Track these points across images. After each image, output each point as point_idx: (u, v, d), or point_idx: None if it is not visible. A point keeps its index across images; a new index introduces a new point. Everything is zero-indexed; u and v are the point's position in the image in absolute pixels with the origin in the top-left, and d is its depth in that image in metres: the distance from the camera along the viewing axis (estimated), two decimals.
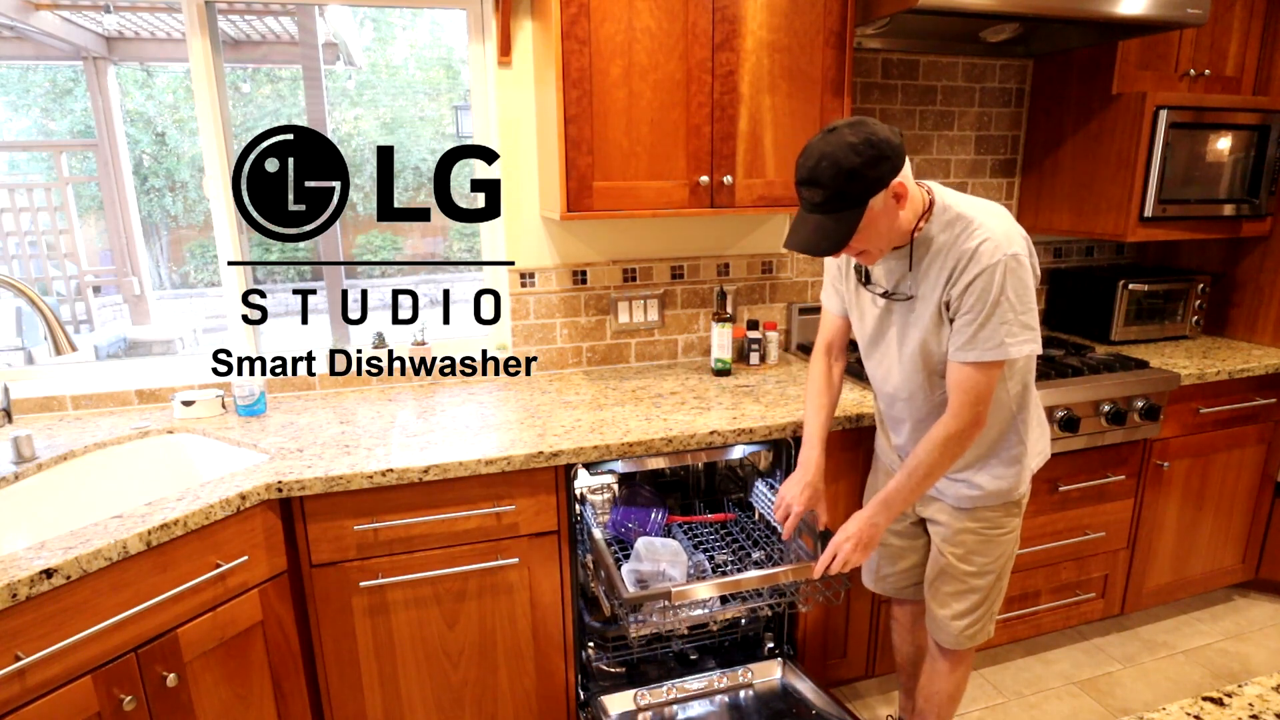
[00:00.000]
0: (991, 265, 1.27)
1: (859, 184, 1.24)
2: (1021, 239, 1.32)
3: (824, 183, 1.25)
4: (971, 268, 1.29)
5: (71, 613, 1.17)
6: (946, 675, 1.67)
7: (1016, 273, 1.28)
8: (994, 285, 1.27)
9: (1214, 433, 2.29)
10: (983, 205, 1.36)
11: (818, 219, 1.29)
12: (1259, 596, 2.62)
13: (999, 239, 1.28)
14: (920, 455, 1.39)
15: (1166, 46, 2.29)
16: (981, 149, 2.58)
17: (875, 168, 1.24)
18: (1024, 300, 1.29)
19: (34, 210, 5.50)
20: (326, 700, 1.61)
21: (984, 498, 1.50)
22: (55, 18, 4.30)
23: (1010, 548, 1.56)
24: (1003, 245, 1.28)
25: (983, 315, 1.29)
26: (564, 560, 1.69)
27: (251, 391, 1.86)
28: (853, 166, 1.23)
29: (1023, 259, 1.30)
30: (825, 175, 1.25)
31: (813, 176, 1.26)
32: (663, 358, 2.37)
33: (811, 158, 1.27)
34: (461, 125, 7.94)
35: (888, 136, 1.26)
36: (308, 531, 1.50)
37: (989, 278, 1.28)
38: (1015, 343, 1.30)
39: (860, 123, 1.27)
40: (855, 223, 1.27)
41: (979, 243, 1.29)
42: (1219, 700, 0.79)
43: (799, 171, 1.30)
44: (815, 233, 1.29)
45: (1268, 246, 2.48)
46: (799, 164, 1.30)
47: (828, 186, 1.25)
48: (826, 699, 1.76)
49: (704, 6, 1.79)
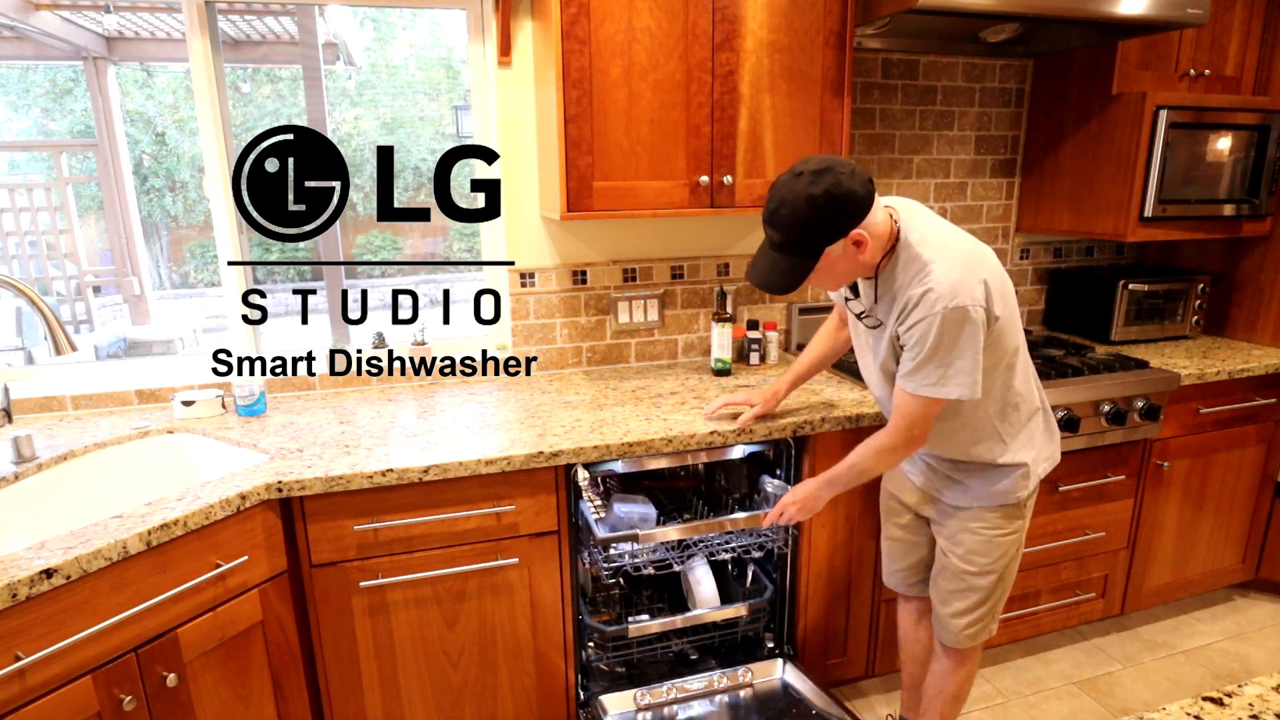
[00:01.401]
0: (931, 316, 1.30)
1: (814, 236, 1.29)
2: (973, 288, 1.30)
3: (781, 228, 1.30)
4: (915, 314, 1.33)
5: (71, 613, 1.17)
6: (950, 674, 1.67)
7: (957, 324, 1.29)
8: (931, 334, 1.31)
9: (1214, 433, 2.29)
10: (944, 244, 1.35)
11: (775, 256, 1.35)
12: (1259, 596, 2.62)
13: (944, 291, 1.29)
14: (859, 452, 1.48)
15: (1166, 46, 2.29)
16: (981, 149, 2.58)
17: (831, 221, 1.28)
18: (960, 350, 1.31)
19: (34, 210, 5.50)
20: (326, 700, 1.61)
21: (979, 499, 1.51)
22: (55, 18, 4.30)
23: (1012, 549, 1.56)
24: (945, 298, 1.29)
25: (920, 357, 1.33)
26: (564, 560, 1.69)
27: (251, 391, 1.86)
28: (808, 219, 1.27)
29: (968, 310, 1.29)
30: (783, 222, 1.29)
31: (772, 220, 1.31)
32: (663, 358, 2.37)
33: (775, 199, 1.31)
34: (461, 125, 7.94)
35: (851, 189, 1.27)
36: (308, 531, 1.50)
37: (927, 326, 1.31)
38: (946, 384, 1.33)
39: (827, 169, 1.27)
40: (809, 268, 1.33)
41: (924, 291, 1.31)
42: (1219, 700, 0.79)
43: (766, 207, 1.33)
44: (771, 270, 1.35)
45: (1268, 246, 2.48)
46: (768, 197, 1.33)
47: (784, 232, 1.30)
48: (827, 699, 1.76)
49: (704, 6, 1.79)
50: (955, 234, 1.39)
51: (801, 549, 1.90)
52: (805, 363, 1.80)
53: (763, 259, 1.37)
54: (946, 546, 1.58)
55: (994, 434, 1.47)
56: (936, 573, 1.63)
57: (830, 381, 2.08)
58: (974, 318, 1.30)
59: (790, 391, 1.81)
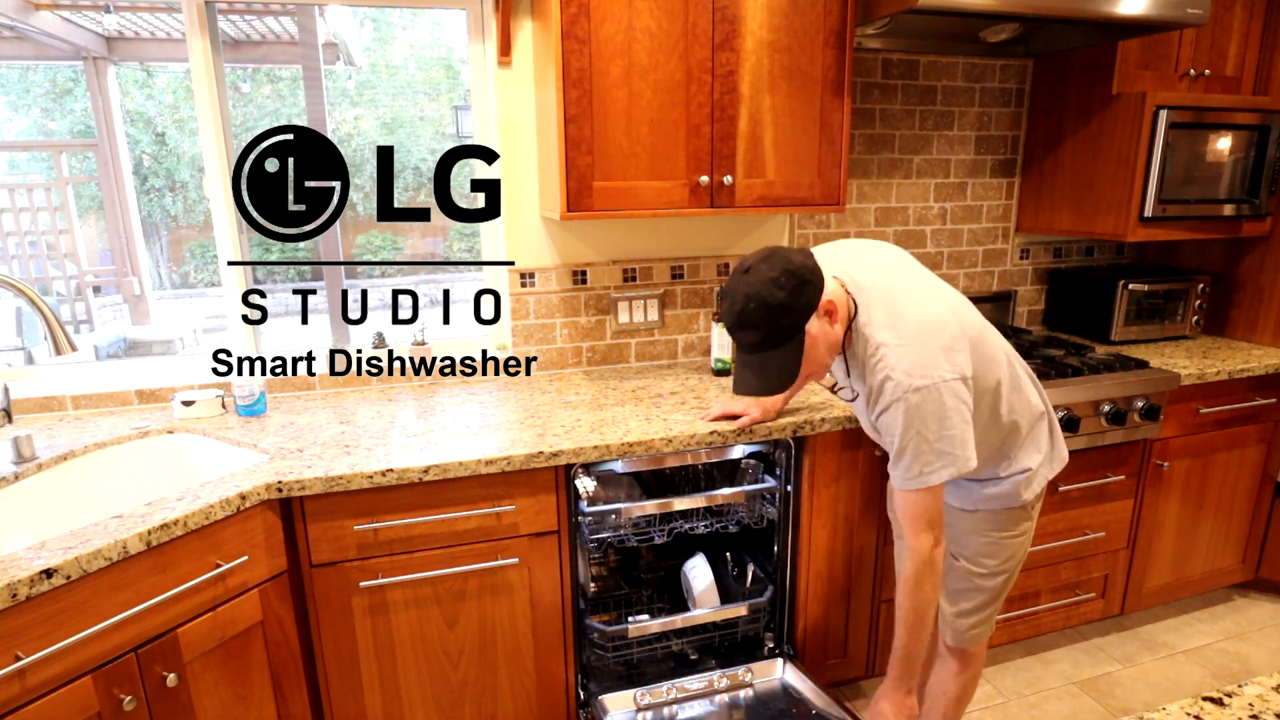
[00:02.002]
0: (895, 403, 1.26)
1: (791, 318, 1.24)
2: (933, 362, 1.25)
3: (757, 324, 1.25)
4: (880, 402, 1.29)
5: (71, 613, 1.17)
6: (955, 677, 1.67)
7: (924, 405, 1.24)
8: (899, 423, 1.26)
9: (1214, 433, 2.29)
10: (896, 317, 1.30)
11: (760, 358, 1.28)
12: (1259, 596, 2.62)
13: (900, 376, 1.25)
14: (903, 602, 1.36)
15: (1166, 46, 2.29)
16: (981, 149, 2.58)
17: (802, 295, 1.24)
18: (938, 431, 1.25)
19: (34, 210, 5.50)
20: (326, 700, 1.61)
21: (986, 503, 1.51)
22: (55, 18, 4.30)
23: (1020, 551, 1.55)
24: (903, 384, 1.24)
25: (896, 449, 1.29)
26: (564, 560, 1.69)
27: (251, 391, 1.86)
28: (780, 303, 1.23)
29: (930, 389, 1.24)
30: (756, 316, 1.24)
31: (743, 320, 1.26)
32: (663, 358, 2.37)
33: (737, 301, 1.26)
34: (461, 125, 7.94)
35: (801, 262, 1.26)
36: (308, 531, 1.50)
37: (893, 416, 1.27)
38: (932, 472, 1.27)
39: (772, 254, 1.27)
40: (799, 352, 1.27)
41: (882, 379, 1.27)
42: (1219, 700, 0.79)
43: (727, 317, 1.28)
44: (763, 372, 1.29)
45: (1268, 246, 2.48)
46: (725, 310, 1.29)
47: (761, 327, 1.25)
48: (827, 699, 1.76)
49: (704, 6, 1.79)
50: (908, 296, 1.33)
51: (801, 549, 1.90)
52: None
53: (748, 369, 1.30)
54: (954, 549, 1.57)
55: (997, 454, 1.46)
56: (944, 572, 1.61)
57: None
58: (941, 393, 1.24)
59: (790, 398, 1.81)
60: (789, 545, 1.91)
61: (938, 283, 1.43)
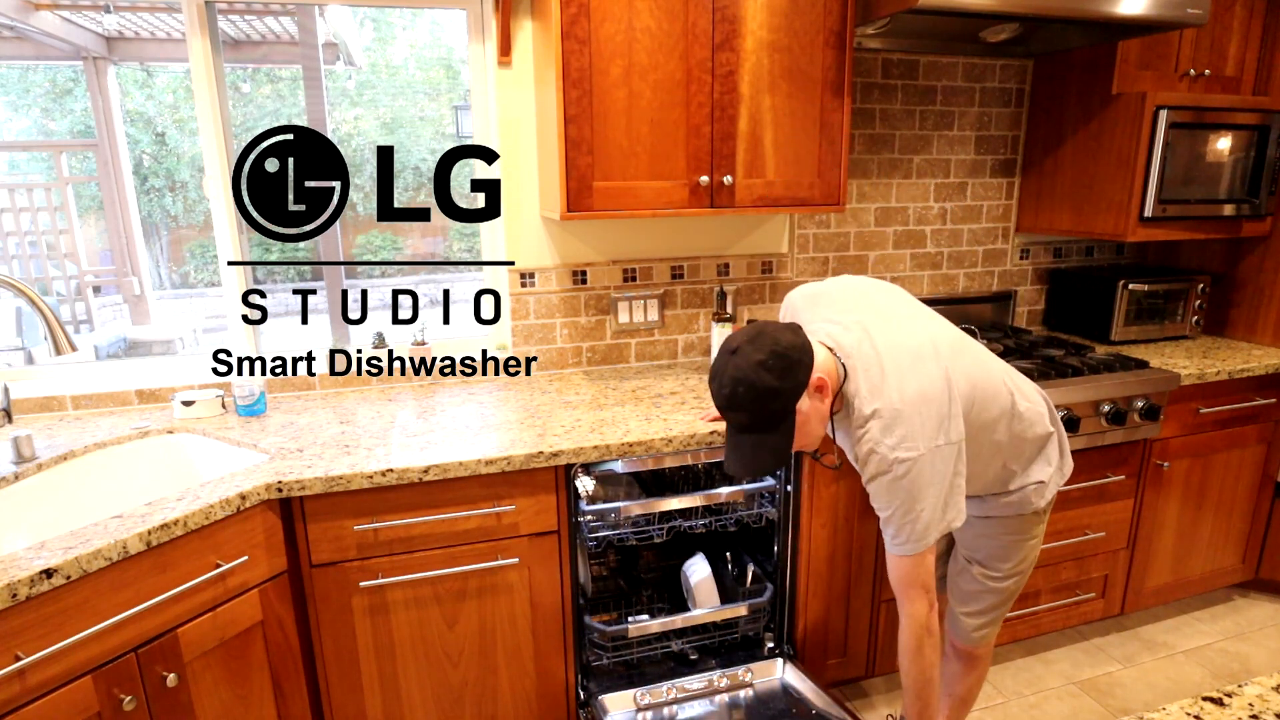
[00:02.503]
0: (879, 475, 1.26)
1: (781, 399, 1.23)
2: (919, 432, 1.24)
3: (746, 407, 1.24)
4: (865, 472, 1.29)
5: (71, 613, 1.17)
6: (961, 678, 1.67)
7: (909, 477, 1.23)
8: (884, 493, 1.27)
9: (1214, 433, 2.29)
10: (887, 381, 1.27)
11: (753, 438, 1.27)
12: (1259, 596, 2.62)
13: (885, 450, 1.24)
14: (908, 669, 1.37)
15: (1166, 46, 2.29)
16: (981, 149, 2.58)
17: (791, 376, 1.22)
18: (921, 498, 1.24)
19: (34, 210, 5.50)
20: (326, 700, 1.61)
21: (998, 510, 1.50)
22: (55, 18, 4.30)
23: (1033, 554, 1.55)
24: (888, 456, 1.24)
25: (884, 515, 1.29)
26: (564, 560, 1.69)
27: (251, 391, 1.86)
28: (769, 386, 1.21)
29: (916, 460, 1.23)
30: (745, 400, 1.23)
31: (733, 404, 1.24)
32: (663, 358, 2.38)
33: (725, 385, 1.24)
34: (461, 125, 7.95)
35: (791, 340, 1.24)
36: (308, 531, 1.50)
37: (879, 487, 1.27)
38: (920, 538, 1.27)
39: (759, 334, 1.25)
40: (791, 433, 1.26)
41: (868, 450, 1.27)
42: (1219, 700, 0.79)
43: (717, 399, 1.27)
44: (756, 452, 1.27)
45: (1268, 246, 2.48)
46: (715, 391, 1.27)
47: (752, 410, 1.24)
48: (827, 699, 1.76)
49: (704, 6, 1.79)
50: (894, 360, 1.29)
51: (801, 549, 1.90)
52: None
53: (739, 449, 1.29)
54: (968, 553, 1.57)
55: (1005, 474, 1.45)
56: (956, 573, 1.61)
57: None
58: (926, 463, 1.23)
59: None
60: (789, 545, 1.91)
61: (926, 325, 1.38)
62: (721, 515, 1.92)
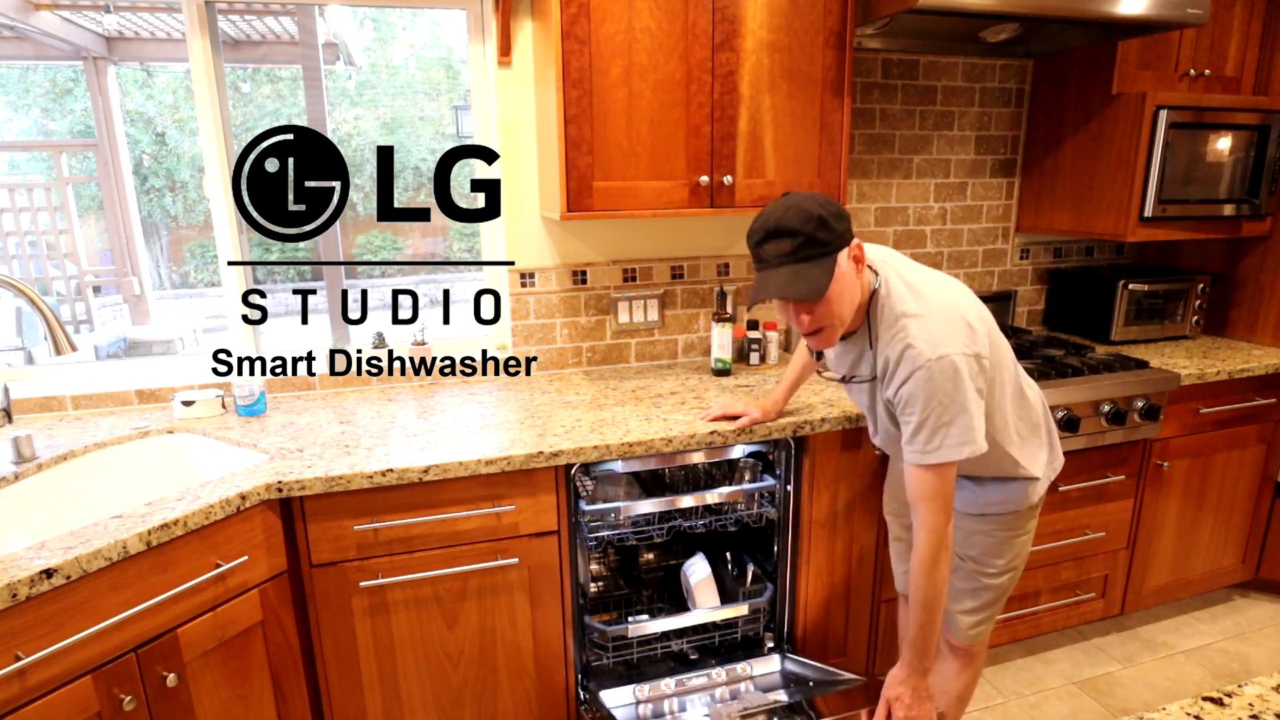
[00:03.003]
0: (916, 372, 1.25)
1: (829, 232, 1.23)
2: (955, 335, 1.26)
3: (796, 229, 1.22)
4: (899, 374, 1.28)
5: (71, 613, 1.17)
6: (957, 675, 1.67)
7: (944, 375, 1.23)
8: (920, 393, 1.25)
9: (1214, 433, 2.29)
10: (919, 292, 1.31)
11: (790, 268, 1.24)
12: (1259, 596, 2.62)
13: (923, 345, 1.24)
14: (920, 584, 1.35)
15: (1166, 46, 2.29)
16: (981, 149, 2.58)
17: (840, 221, 1.25)
18: (956, 405, 1.24)
19: (34, 210, 5.50)
20: (326, 700, 1.61)
21: (990, 505, 1.50)
22: (55, 18, 4.30)
23: (1026, 549, 1.56)
24: (926, 351, 1.24)
25: (915, 420, 1.27)
26: (564, 560, 1.69)
27: (251, 391, 1.86)
28: (821, 214, 1.23)
29: (953, 360, 1.24)
30: (796, 221, 1.22)
31: (781, 226, 1.23)
32: (663, 358, 2.37)
33: (774, 213, 1.25)
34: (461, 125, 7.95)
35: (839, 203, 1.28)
36: (308, 531, 1.50)
37: (914, 385, 1.25)
38: (950, 446, 1.26)
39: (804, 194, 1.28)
40: (831, 271, 1.24)
41: (902, 349, 1.26)
42: (1219, 700, 0.79)
43: (757, 233, 1.26)
44: (791, 278, 1.24)
45: (1268, 246, 2.48)
46: (756, 227, 1.27)
47: (799, 233, 1.22)
48: (825, 670, 1.77)
49: (704, 6, 1.79)
50: (926, 278, 1.35)
51: (801, 549, 1.90)
52: (799, 367, 1.78)
53: (771, 277, 1.26)
54: (961, 550, 1.57)
55: (1005, 456, 1.45)
56: (950, 572, 1.61)
57: (830, 381, 2.08)
58: (961, 367, 1.24)
59: (789, 399, 1.81)
60: (789, 545, 1.91)
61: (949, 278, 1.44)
62: (721, 515, 1.92)
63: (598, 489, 1.89)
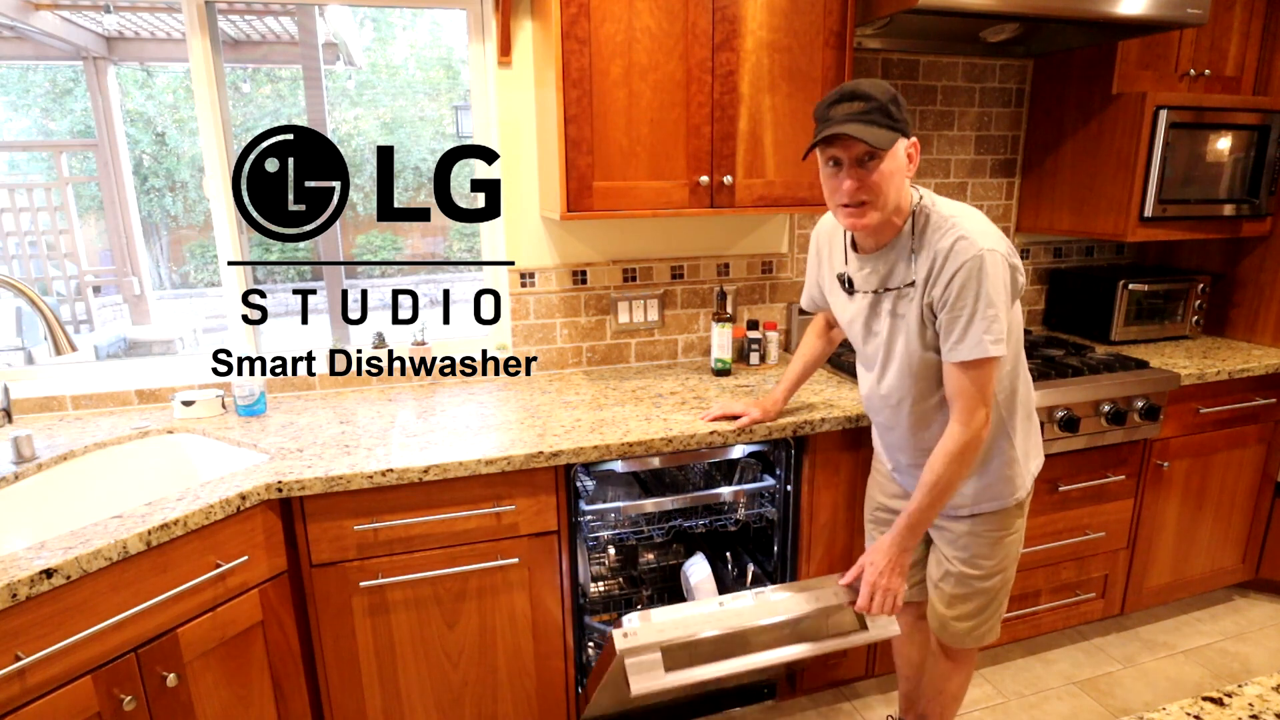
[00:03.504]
0: (968, 261, 1.27)
1: (899, 110, 1.27)
2: (1000, 238, 1.32)
3: (871, 94, 1.25)
4: (949, 266, 1.29)
5: (71, 613, 1.17)
6: (949, 676, 1.67)
7: (995, 268, 1.27)
8: (971, 281, 1.27)
9: (1214, 433, 2.29)
10: (963, 207, 1.37)
11: (857, 125, 1.24)
12: (1259, 596, 2.62)
13: (974, 236, 1.28)
14: (938, 470, 1.35)
15: (1166, 46, 2.29)
16: (981, 149, 2.58)
17: (905, 113, 1.28)
18: (1000, 299, 1.28)
19: (34, 210, 5.50)
20: (326, 700, 1.61)
21: (981, 503, 1.50)
22: (55, 18, 4.30)
23: (1016, 548, 1.55)
24: (979, 242, 1.27)
25: (965, 313, 1.28)
26: (564, 560, 1.69)
27: (251, 391, 1.86)
28: (895, 94, 1.27)
29: (1001, 255, 1.29)
30: (872, 89, 1.25)
31: (857, 90, 1.26)
32: (663, 358, 2.38)
33: (849, 86, 1.27)
34: (461, 125, 7.95)
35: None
36: (308, 531, 1.50)
37: (966, 274, 1.27)
38: (995, 340, 1.28)
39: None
40: (894, 140, 1.26)
41: (954, 240, 1.29)
42: (1219, 700, 0.79)
43: (831, 96, 1.27)
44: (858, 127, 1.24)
45: (1268, 246, 2.48)
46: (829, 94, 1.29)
47: (873, 99, 1.25)
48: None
49: (704, 6, 1.79)
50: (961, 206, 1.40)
51: (801, 549, 1.90)
52: (799, 367, 1.79)
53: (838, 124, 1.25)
54: (951, 553, 1.55)
55: (1001, 429, 1.46)
56: (939, 577, 1.60)
57: (830, 381, 2.08)
58: (1003, 263, 1.28)
59: (789, 399, 1.81)
60: (789, 545, 1.91)
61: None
62: (721, 515, 1.92)
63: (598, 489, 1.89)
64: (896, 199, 1.32)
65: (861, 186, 1.29)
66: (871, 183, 1.28)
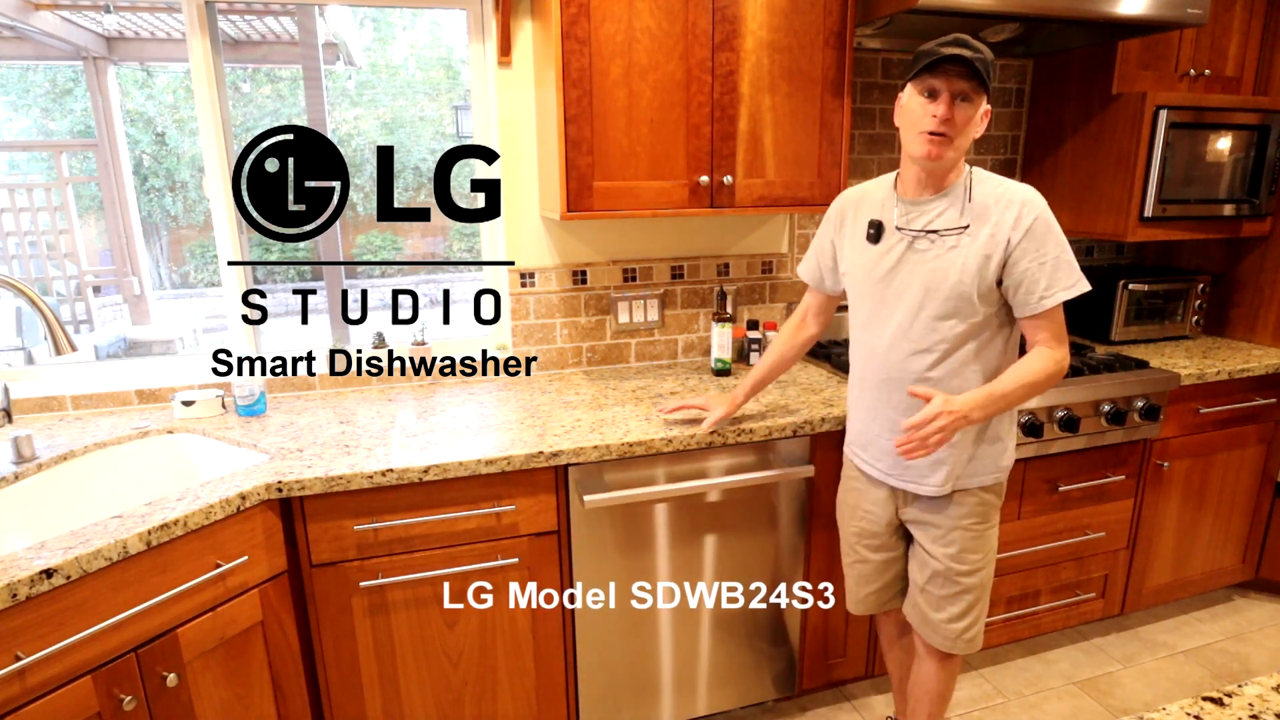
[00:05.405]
0: (1039, 215, 1.37)
1: (993, 75, 1.34)
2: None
3: (983, 50, 1.31)
4: (1025, 217, 1.37)
5: (71, 613, 1.17)
6: (936, 675, 1.66)
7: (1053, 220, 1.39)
8: (1050, 233, 1.37)
9: (1214, 433, 2.29)
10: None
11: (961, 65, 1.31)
12: (1259, 596, 2.62)
13: (1034, 196, 1.39)
14: (1012, 390, 1.40)
15: (1166, 46, 2.29)
16: (981, 149, 2.58)
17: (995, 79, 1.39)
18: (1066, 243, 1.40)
19: (34, 210, 5.51)
20: (326, 700, 1.61)
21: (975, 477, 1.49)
22: (55, 18, 4.30)
23: (994, 543, 1.57)
24: (1039, 199, 1.38)
25: (1050, 261, 1.38)
26: (564, 560, 1.69)
27: (251, 391, 1.86)
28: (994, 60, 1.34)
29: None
30: (983, 47, 1.31)
31: (969, 41, 1.32)
32: (663, 358, 2.38)
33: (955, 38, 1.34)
34: (461, 125, 7.95)
35: None
36: (308, 531, 1.50)
37: (1045, 224, 1.37)
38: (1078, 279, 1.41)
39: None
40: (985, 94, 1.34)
41: (1021, 200, 1.38)
42: (1219, 700, 0.79)
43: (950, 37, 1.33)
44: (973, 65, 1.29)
45: (1268, 246, 2.48)
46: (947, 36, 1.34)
47: (984, 54, 1.31)
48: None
49: (704, 6, 1.79)
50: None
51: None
52: (764, 368, 1.75)
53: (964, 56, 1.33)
54: (936, 549, 1.54)
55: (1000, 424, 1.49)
56: (925, 581, 1.58)
57: (831, 381, 2.08)
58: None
59: (749, 399, 1.77)
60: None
61: None
62: None
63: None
64: (965, 148, 1.39)
65: (954, 120, 1.35)
66: (959, 120, 1.35)
